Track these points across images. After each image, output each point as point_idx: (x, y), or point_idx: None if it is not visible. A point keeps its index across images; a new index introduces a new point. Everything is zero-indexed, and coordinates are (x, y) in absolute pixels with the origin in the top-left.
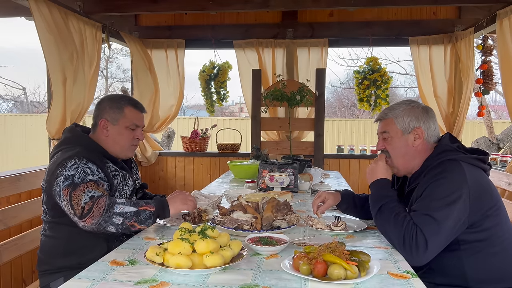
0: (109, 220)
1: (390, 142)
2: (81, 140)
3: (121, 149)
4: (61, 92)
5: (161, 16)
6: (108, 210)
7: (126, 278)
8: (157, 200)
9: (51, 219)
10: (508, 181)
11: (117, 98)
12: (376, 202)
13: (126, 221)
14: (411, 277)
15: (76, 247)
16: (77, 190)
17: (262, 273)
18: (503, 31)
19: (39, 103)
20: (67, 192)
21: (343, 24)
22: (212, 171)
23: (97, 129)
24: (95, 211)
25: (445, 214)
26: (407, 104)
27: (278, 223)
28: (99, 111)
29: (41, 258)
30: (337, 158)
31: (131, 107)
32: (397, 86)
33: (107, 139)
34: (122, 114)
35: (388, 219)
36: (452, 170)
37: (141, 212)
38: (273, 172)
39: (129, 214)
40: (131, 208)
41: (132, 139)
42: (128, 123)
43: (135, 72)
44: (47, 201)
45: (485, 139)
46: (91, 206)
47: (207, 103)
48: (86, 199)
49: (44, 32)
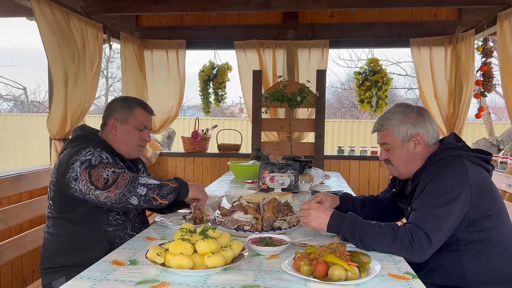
0: (133, 190)
1: (392, 152)
2: (91, 137)
3: (127, 148)
4: (63, 92)
5: (162, 17)
6: (133, 180)
7: (127, 278)
8: (179, 179)
9: (56, 215)
10: (508, 182)
11: (129, 99)
12: (351, 229)
13: (149, 192)
14: (411, 278)
15: (79, 245)
16: (96, 169)
17: (263, 273)
18: (504, 33)
19: (40, 103)
20: (85, 172)
21: (343, 25)
22: (212, 171)
23: (106, 128)
24: (120, 182)
25: (446, 211)
26: (400, 111)
27: (279, 224)
28: (110, 111)
29: (44, 255)
30: (337, 159)
31: (141, 108)
32: (397, 88)
33: (115, 138)
34: (132, 114)
35: (374, 234)
36: (454, 166)
37: (163, 186)
38: (274, 173)
39: (152, 186)
40: (154, 181)
41: (139, 140)
42: (137, 123)
43: (124, 73)
44: (54, 196)
45: (485, 140)
46: (115, 178)
47: (203, 103)
48: (108, 173)
49: (46, 32)
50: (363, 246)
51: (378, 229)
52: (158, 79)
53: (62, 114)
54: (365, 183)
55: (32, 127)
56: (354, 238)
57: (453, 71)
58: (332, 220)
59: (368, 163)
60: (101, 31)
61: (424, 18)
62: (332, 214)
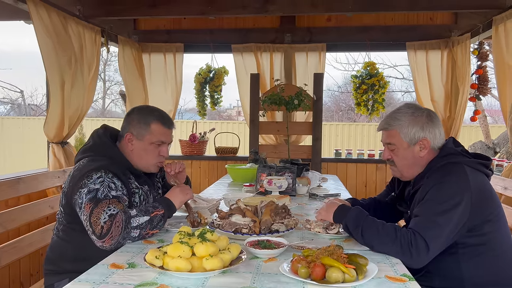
0: (127, 236)
1: (396, 153)
2: (109, 150)
3: (145, 165)
4: (59, 96)
5: (160, 20)
6: (126, 226)
7: (126, 281)
8: (162, 201)
9: (66, 223)
10: (504, 185)
11: (146, 112)
12: (355, 222)
13: (142, 231)
14: (408, 280)
15: (86, 254)
16: (99, 207)
17: (261, 276)
18: (499, 36)
19: (37, 106)
20: (88, 207)
21: (340, 29)
22: (210, 174)
23: (123, 141)
24: (114, 231)
25: (446, 218)
26: (410, 113)
27: (277, 227)
28: (127, 124)
29: (50, 257)
30: (334, 162)
31: (159, 123)
32: (394, 91)
33: (132, 153)
34: (148, 130)
35: (377, 231)
36: (455, 174)
37: (153, 218)
38: (271, 176)
39: (144, 224)
40: (145, 218)
41: (157, 156)
42: (154, 139)
43: (124, 76)
44: (65, 205)
45: (482, 143)
46: (109, 226)
47: (199, 106)
48: (105, 218)
49: (43, 36)
50: (363, 239)
51: (381, 227)
52: (155, 82)
53: (59, 118)
54: (362, 186)
55: (30, 130)
56: (356, 229)
57: (449, 74)
58: (339, 209)
59: (365, 166)
60: (99, 34)
61: (420, 22)
62: (340, 204)
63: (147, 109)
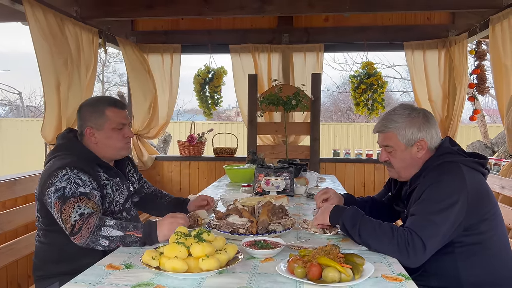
0: (96, 241)
1: (393, 155)
2: (74, 147)
3: (115, 151)
4: (55, 98)
5: (158, 21)
6: (95, 232)
7: (122, 282)
8: (147, 225)
9: (45, 227)
10: (501, 184)
11: (95, 102)
12: (352, 221)
13: (112, 244)
14: (404, 279)
15: (71, 254)
16: (67, 205)
17: (258, 276)
18: (496, 36)
19: (35, 107)
20: (57, 205)
21: (338, 29)
22: (208, 175)
23: (85, 137)
24: (83, 231)
25: (442, 217)
26: (406, 114)
27: (274, 227)
28: (81, 120)
29: (36, 263)
30: (333, 162)
31: (112, 107)
32: (392, 90)
33: (97, 146)
34: (105, 117)
35: (373, 230)
36: (451, 173)
37: (127, 236)
38: (269, 176)
39: (114, 238)
40: (117, 232)
41: (123, 138)
42: (114, 124)
43: (132, 77)
44: (40, 209)
45: (480, 143)
46: (80, 225)
47: (203, 107)
48: (75, 217)
49: (38, 37)
50: (360, 238)
51: (378, 226)
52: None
53: (56, 120)
54: (360, 186)
55: (28, 132)
56: (353, 228)
57: (446, 74)
58: (335, 209)
59: (363, 166)
60: (96, 35)
61: (417, 22)
62: (335, 205)
63: (95, 99)
